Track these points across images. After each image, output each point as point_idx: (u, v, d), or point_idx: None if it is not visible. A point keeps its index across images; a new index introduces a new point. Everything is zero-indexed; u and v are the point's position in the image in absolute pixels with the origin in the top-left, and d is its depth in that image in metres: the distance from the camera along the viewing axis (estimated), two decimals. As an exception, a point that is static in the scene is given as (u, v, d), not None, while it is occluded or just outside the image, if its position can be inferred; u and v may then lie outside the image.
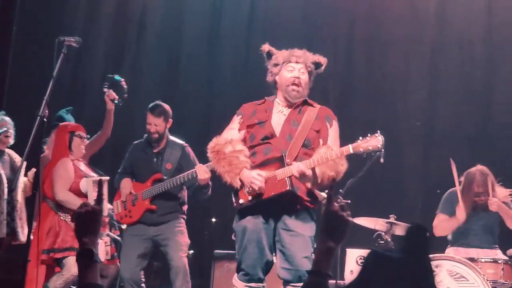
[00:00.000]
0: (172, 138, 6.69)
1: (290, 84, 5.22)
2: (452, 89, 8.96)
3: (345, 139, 5.09)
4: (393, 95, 9.15)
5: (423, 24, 9.08)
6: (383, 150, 4.94)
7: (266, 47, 5.41)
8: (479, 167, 6.96)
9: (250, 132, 5.22)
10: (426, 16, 9.05)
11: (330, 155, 4.88)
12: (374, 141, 4.94)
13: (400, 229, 6.88)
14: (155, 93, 8.41)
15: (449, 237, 7.15)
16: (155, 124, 6.58)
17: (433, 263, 6.13)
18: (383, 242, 6.73)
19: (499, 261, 6.43)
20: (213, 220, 8.65)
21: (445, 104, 8.96)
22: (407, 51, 9.21)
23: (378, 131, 4.94)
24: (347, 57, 9.40)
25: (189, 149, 6.70)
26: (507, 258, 6.64)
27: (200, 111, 9.41)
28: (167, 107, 6.69)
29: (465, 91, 8.94)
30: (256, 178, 4.94)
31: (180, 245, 6.44)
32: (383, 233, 6.82)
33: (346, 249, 7.00)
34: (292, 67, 5.27)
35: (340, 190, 7.01)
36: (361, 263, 6.54)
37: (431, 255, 6.21)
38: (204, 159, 5.69)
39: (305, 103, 5.28)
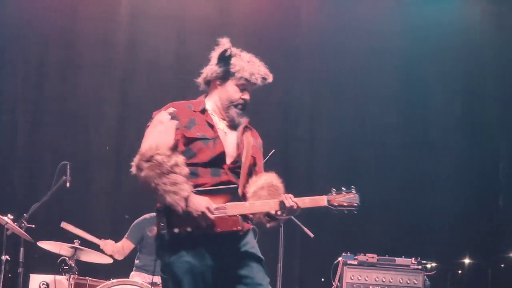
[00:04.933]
0: None
1: (236, 105, 4.52)
2: (142, 115, 9.18)
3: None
4: (85, 120, 9.18)
5: (114, 49, 9.25)
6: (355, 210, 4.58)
7: (229, 44, 4.62)
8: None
9: (186, 145, 4.33)
10: (117, 41, 9.23)
11: (304, 203, 4.48)
12: (352, 199, 4.60)
13: (85, 254, 6.93)
14: None
15: (136, 261, 7.36)
16: None
17: (116, 288, 6.29)
18: (67, 267, 6.72)
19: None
20: None
21: (134, 130, 9.17)
22: (98, 76, 9.30)
23: (353, 188, 4.64)
24: (39, 79, 9.24)
25: None
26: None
27: None
28: None
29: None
30: (210, 211, 4.14)
31: None
32: (68, 258, 6.81)
33: (30, 275, 6.89)
34: (246, 87, 4.56)
35: (25, 214, 6.91)
36: (44, 288, 6.50)
37: (114, 280, 6.35)
38: None
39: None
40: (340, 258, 7.27)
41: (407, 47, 9.65)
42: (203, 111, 4.48)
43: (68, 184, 7.12)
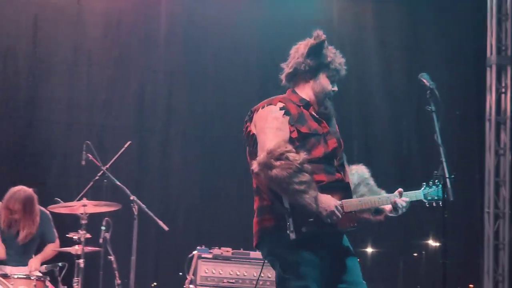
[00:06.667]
0: None
1: (329, 97, 4.50)
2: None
3: None
4: None
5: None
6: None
7: (324, 36, 4.58)
8: (22, 187, 7.24)
9: (299, 141, 4.30)
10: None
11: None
12: (440, 192, 4.52)
13: None
14: None
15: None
16: None
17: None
18: None
19: (32, 277, 6.67)
20: None
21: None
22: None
23: (437, 181, 4.55)
24: None
25: None
26: (40, 274, 6.91)
27: None
28: None
29: (9, 104, 9.06)
30: (338, 209, 4.18)
31: None
32: None
33: None
34: (335, 78, 4.54)
35: None
36: None
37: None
38: None
39: None
40: (195, 252, 7.35)
41: (265, 42, 9.88)
42: (307, 105, 4.48)
43: None
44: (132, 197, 7.05)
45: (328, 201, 4.16)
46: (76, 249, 6.85)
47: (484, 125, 10.51)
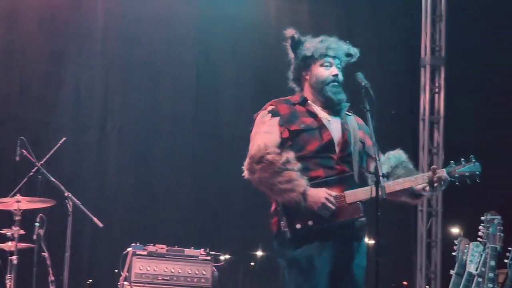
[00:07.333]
0: None
1: (328, 83, 4.49)
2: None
3: None
4: None
5: None
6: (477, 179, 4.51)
7: (292, 32, 4.56)
8: None
9: (292, 139, 4.35)
10: None
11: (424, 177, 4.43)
12: (473, 167, 4.50)
13: None
14: None
15: None
16: None
17: None
18: None
19: (-36, 274, 6.61)
20: None
21: None
22: None
23: (472, 156, 4.53)
24: None
25: None
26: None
27: None
28: None
29: None
30: (330, 200, 4.18)
31: None
32: None
33: None
34: (329, 62, 4.53)
35: None
36: None
37: None
38: None
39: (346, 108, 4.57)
40: (129, 249, 7.35)
41: (201, 38, 9.93)
42: (303, 102, 4.53)
43: None
44: (66, 194, 7.01)
45: (317, 194, 4.19)
46: (9, 245, 6.80)
47: (418, 124, 10.73)
